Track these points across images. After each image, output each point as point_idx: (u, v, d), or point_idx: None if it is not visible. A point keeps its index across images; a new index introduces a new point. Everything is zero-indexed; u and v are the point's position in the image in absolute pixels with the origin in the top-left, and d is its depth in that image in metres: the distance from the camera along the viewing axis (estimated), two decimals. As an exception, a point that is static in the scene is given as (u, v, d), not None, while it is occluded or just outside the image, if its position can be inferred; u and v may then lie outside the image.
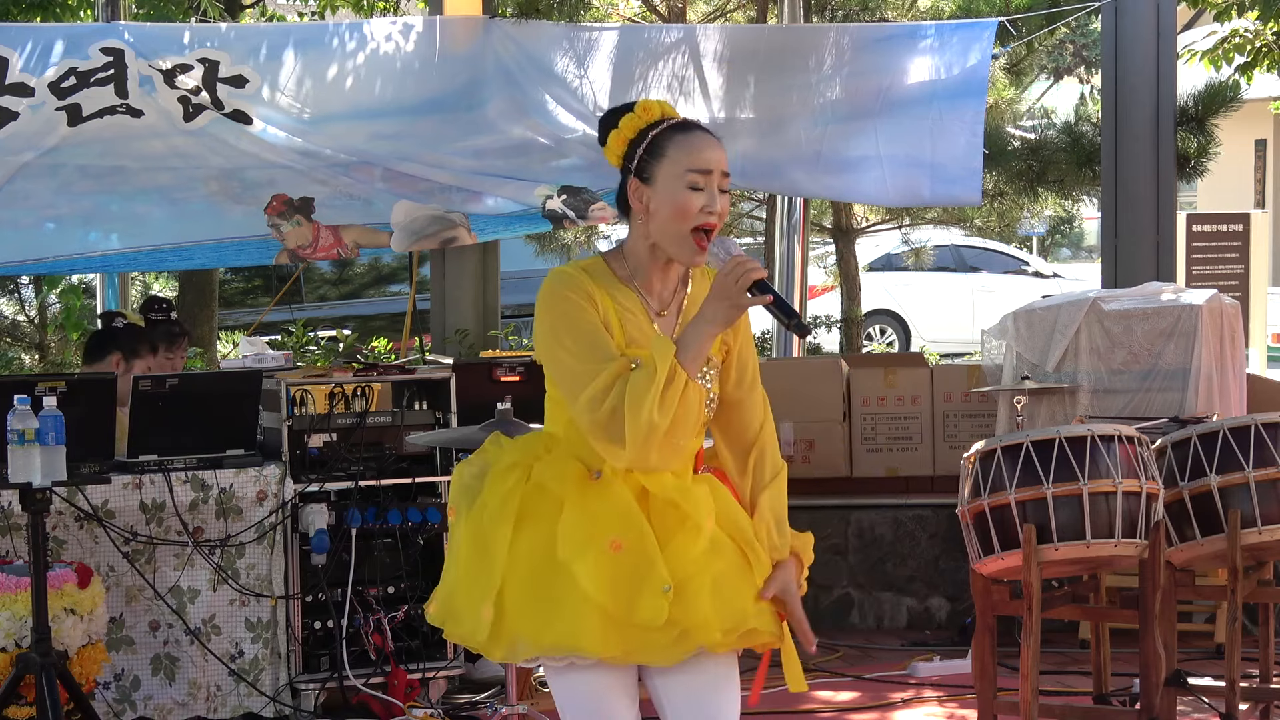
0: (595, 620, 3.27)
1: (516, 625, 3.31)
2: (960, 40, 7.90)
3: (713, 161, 3.41)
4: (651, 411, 3.25)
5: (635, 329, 3.40)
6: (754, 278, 3.30)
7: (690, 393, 3.31)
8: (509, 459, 3.46)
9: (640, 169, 3.44)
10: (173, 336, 6.85)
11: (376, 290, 15.20)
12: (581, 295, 3.39)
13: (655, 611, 3.27)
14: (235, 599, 6.14)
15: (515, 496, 3.37)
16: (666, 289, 3.48)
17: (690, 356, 3.31)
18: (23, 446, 5.14)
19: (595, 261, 3.49)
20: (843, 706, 6.41)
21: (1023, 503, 5.10)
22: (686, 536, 3.33)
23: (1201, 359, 7.20)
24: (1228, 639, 5.48)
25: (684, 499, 3.35)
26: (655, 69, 7.86)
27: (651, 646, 3.32)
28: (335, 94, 7.51)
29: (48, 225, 7.33)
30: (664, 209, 3.40)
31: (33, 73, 7.03)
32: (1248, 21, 9.92)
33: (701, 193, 3.39)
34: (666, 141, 3.42)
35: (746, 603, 3.38)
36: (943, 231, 16.31)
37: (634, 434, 3.27)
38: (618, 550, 3.29)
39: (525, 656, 3.34)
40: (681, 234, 3.40)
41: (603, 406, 3.29)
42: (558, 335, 3.39)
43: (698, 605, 3.30)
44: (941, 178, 7.90)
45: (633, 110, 3.47)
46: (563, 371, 3.39)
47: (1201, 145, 9.08)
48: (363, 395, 6.49)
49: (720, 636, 3.33)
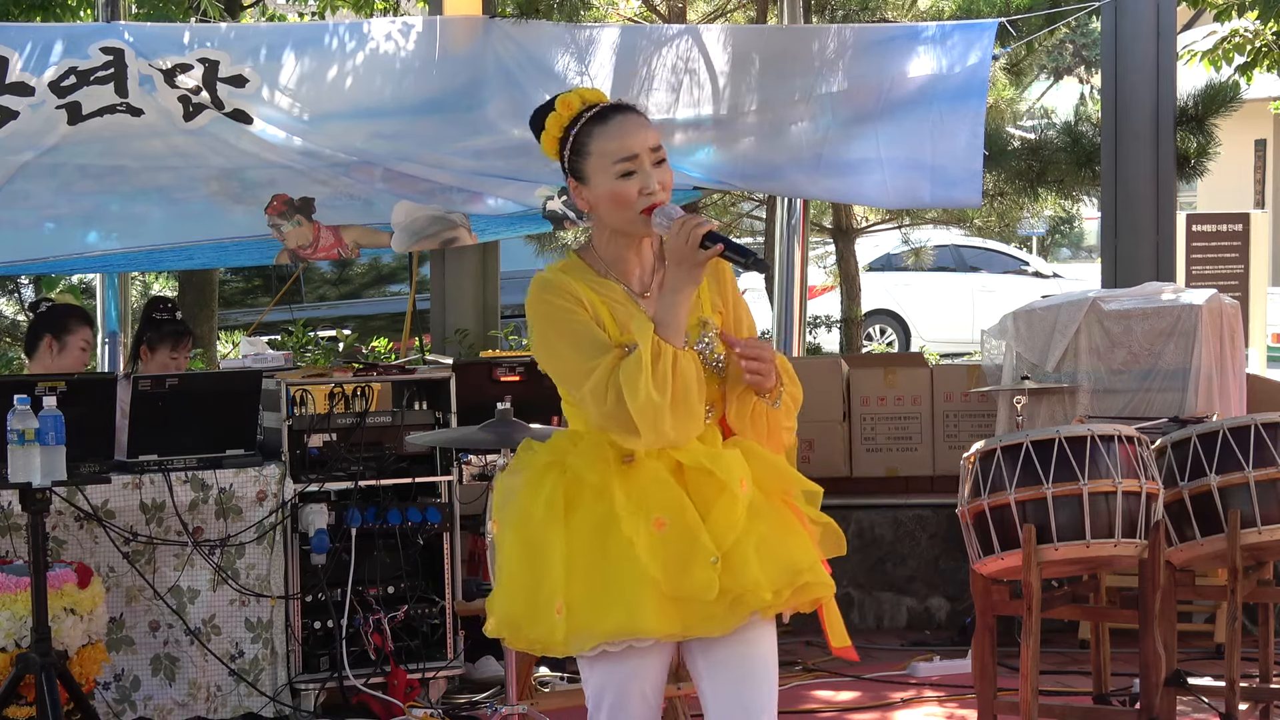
0: (651, 599, 3.31)
1: (579, 617, 3.33)
2: (960, 41, 7.90)
3: (637, 144, 3.41)
4: (648, 391, 3.28)
5: (625, 316, 3.42)
6: (701, 233, 3.32)
7: (683, 363, 3.33)
8: (543, 461, 3.49)
9: (573, 170, 3.47)
10: (177, 336, 6.85)
11: (376, 290, 15.21)
12: (566, 297, 3.41)
13: (707, 584, 3.30)
14: (235, 599, 6.14)
15: (558, 495, 3.40)
16: (645, 270, 3.50)
17: (670, 329, 3.34)
18: (23, 446, 5.14)
19: (572, 260, 3.52)
20: (843, 706, 6.41)
21: (1023, 503, 5.10)
22: (725, 504, 3.35)
23: (1201, 359, 7.20)
24: (1228, 639, 5.48)
25: (716, 465, 3.37)
26: (655, 69, 7.86)
27: (708, 618, 3.34)
28: (335, 94, 7.51)
29: (47, 225, 7.33)
30: (604, 202, 3.43)
31: (33, 72, 7.03)
32: (1248, 21, 9.92)
33: (634, 176, 3.40)
34: (587, 138, 3.43)
35: (795, 558, 3.40)
36: (943, 231, 16.31)
37: (639, 417, 3.29)
38: (661, 528, 3.32)
39: (588, 646, 3.36)
40: (631, 219, 3.43)
41: (607, 398, 3.32)
42: (550, 340, 3.43)
43: (746, 570, 3.33)
44: (942, 180, 7.89)
45: (554, 109, 3.47)
46: (563, 373, 3.43)
47: (1201, 145, 9.08)
48: (363, 395, 6.49)
49: (771, 597, 3.35)
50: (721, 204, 12.77)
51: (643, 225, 3.43)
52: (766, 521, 3.40)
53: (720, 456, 3.40)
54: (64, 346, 6.58)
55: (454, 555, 6.47)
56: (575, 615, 3.33)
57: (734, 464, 3.39)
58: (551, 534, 3.38)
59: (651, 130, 3.45)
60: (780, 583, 3.36)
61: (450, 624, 6.43)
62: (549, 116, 3.48)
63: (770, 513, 3.43)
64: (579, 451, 3.44)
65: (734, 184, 8.87)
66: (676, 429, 3.33)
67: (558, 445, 3.51)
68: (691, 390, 3.35)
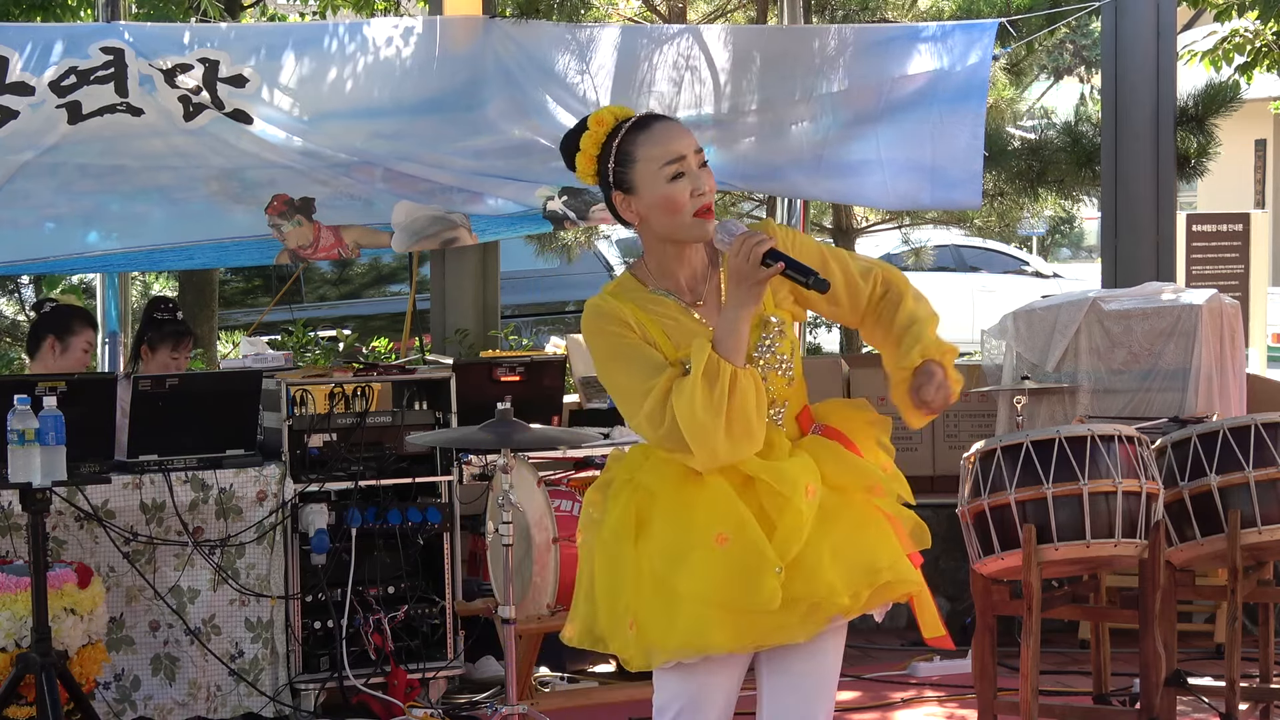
0: (717, 615, 3.30)
1: (647, 635, 3.34)
2: (960, 41, 7.90)
3: (683, 146, 3.41)
4: (703, 412, 3.26)
5: (677, 331, 3.41)
6: (762, 250, 3.30)
7: (742, 381, 3.31)
8: (622, 476, 3.49)
9: (619, 181, 3.44)
10: (178, 336, 6.85)
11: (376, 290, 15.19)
12: (615, 323, 3.41)
13: (770, 595, 3.28)
14: (235, 599, 6.14)
15: (630, 512, 3.40)
16: (696, 277, 3.48)
17: (729, 347, 3.32)
18: (23, 446, 5.14)
19: (623, 279, 3.52)
20: (843, 706, 6.41)
21: (1023, 503, 5.10)
22: (792, 515, 3.32)
23: (1201, 359, 7.20)
24: (1228, 639, 5.48)
25: (776, 479, 3.34)
26: (655, 69, 7.85)
27: (781, 628, 3.33)
28: (335, 94, 7.50)
29: (47, 225, 7.32)
30: (656, 209, 3.42)
31: (33, 72, 7.02)
32: (1248, 21, 9.91)
33: (684, 178, 3.39)
34: (631, 145, 3.42)
35: (875, 556, 3.37)
36: (943, 231, 16.30)
37: (691, 439, 3.28)
38: (724, 544, 3.30)
39: (660, 662, 3.36)
40: (685, 223, 3.41)
41: (664, 419, 3.31)
42: (607, 367, 3.43)
43: (820, 576, 3.31)
44: (942, 181, 7.89)
45: (587, 127, 3.47)
46: (621, 397, 3.43)
47: (1201, 145, 9.08)
48: (363, 395, 6.49)
49: (849, 601, 3.33)
50: (721, 204, 12.76)
51: (696, 229, 3.41)
52: (842, 523, 3.37)
53: (781, 468, 3.37)
54: (67, 348, 6.58)
55: (454, 555, 6.47)
56: (644, 632, 3.34)
57: (799, 472, 3.36)
58: (623, 552, 3.38)
59: (691, 135, 3.46)
60: (858, 584, 3.34)
61: (450, 624, 6.43)
62: (583, 136, 3.47)
63: (846, 513, 3.39)
64: (649, 467, 3.44)
65: (734, 184, 8.86)
66: (732, 450, 3.31)
67: (632, 460, 3.51)
68: (749, 409, 3.31)
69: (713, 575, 3.29)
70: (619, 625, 3.38)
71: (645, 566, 3.36)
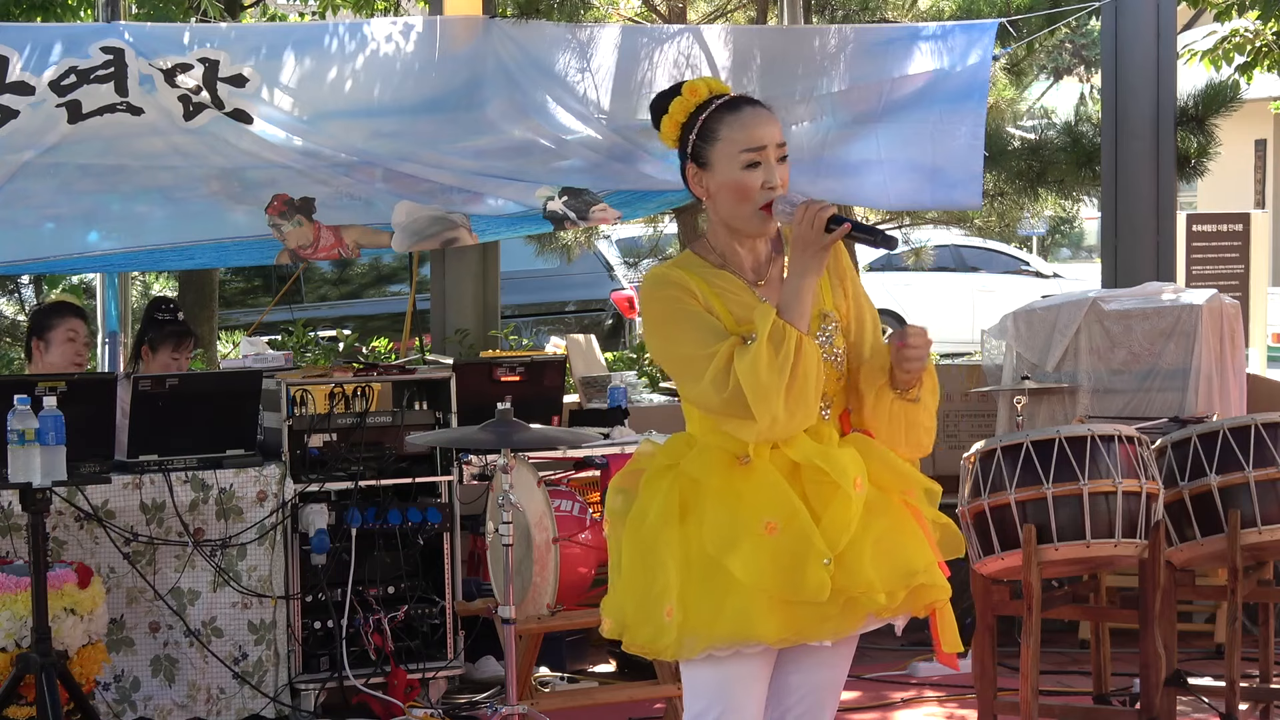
0: (764, 604, 3.27)
1: (692, 621, 3.30)
2: (961, 42, 7.89)
3: (766, 137, 3.40)
4: (769, 373, 3.24)
5: (739, 306, 3.39)
6: (826, 216, 3.31)
7: (806, 347, 3.30)
8: (661, 463, 3.46)
9: (696, 154, 3.44)
10: (179, 337, 6.84)
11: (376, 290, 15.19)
12: (677, 289, 3.40)
13: (819, 586, 3.27)
14: (235, 599, 6.14)
15: (674, 497, 3.37)
16: (760, 262, 3.48)
17: (795, 313, 3.31)
18: (23, 446, 5.14)
19: (685, 255, 3.51)
20: (843, 706, 6.38)
21: (1023, 503, 5.10)
22: (840, 504, 3.31)
23: (1201, 359, 7.20)
24: (1228, 639, 5.48)
25: (829, 465, 3.33)
26: (656, 69, 7.85)
27: (822, 619, 3.32)
28: (335, 94, 7.50)
29: (48, 225, 7.31)
30: (725, 191, 3.41)
31: (33, 72, 7.02)
32: (1248, 21, 9.91)
33: (759, 169, 3.39)
34: (717, 123, 3.42)
35: (911, 559, 3.37)
36: (943, 231, 16.29)
37: (755, 402, 3.25)
38: (773, 532, 3.29)
39: (698, 651, 3.32)
40: (749, 213, 3.41)
41: (729, 384, 3.28)
42: (667, 332, 3.41)
43: (860, 571, 3.30)
44: (942, 182, 7.89)
45: (680, 93, 3.46)
46: (680, 363, 3.39)
47: (1201, 145, 9.08)
48: (363, 395, 6.49)
49: (885, 599, 3.34)
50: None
51: (757, 221, 3.41)
52: (882, 521, 3.37)
53: (834, 455, 3.36)
54: (49, 343, 6.58)
55: (454, 555, 6.47)
56: (689, 619, 3.30)
57: (849, 462, 3.35)
58: (666, 536, 3.35)
59: (779, 125, 3.45)
60: (894, 584, 3.34)
61: (450, 624, 6.43)
62: (674, 100, 3.46)
63: (887, 512, 3.39)
64: (694, 455, 3.41)
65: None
66: (790, 416, 3.28)
67: (674, 448, 3.48)
68: (811, 376, 3.30)
69: (761, 563, 3.27)
70: (651, 611, 3.34)
71: (694, 550, 3.32)
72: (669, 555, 3.33)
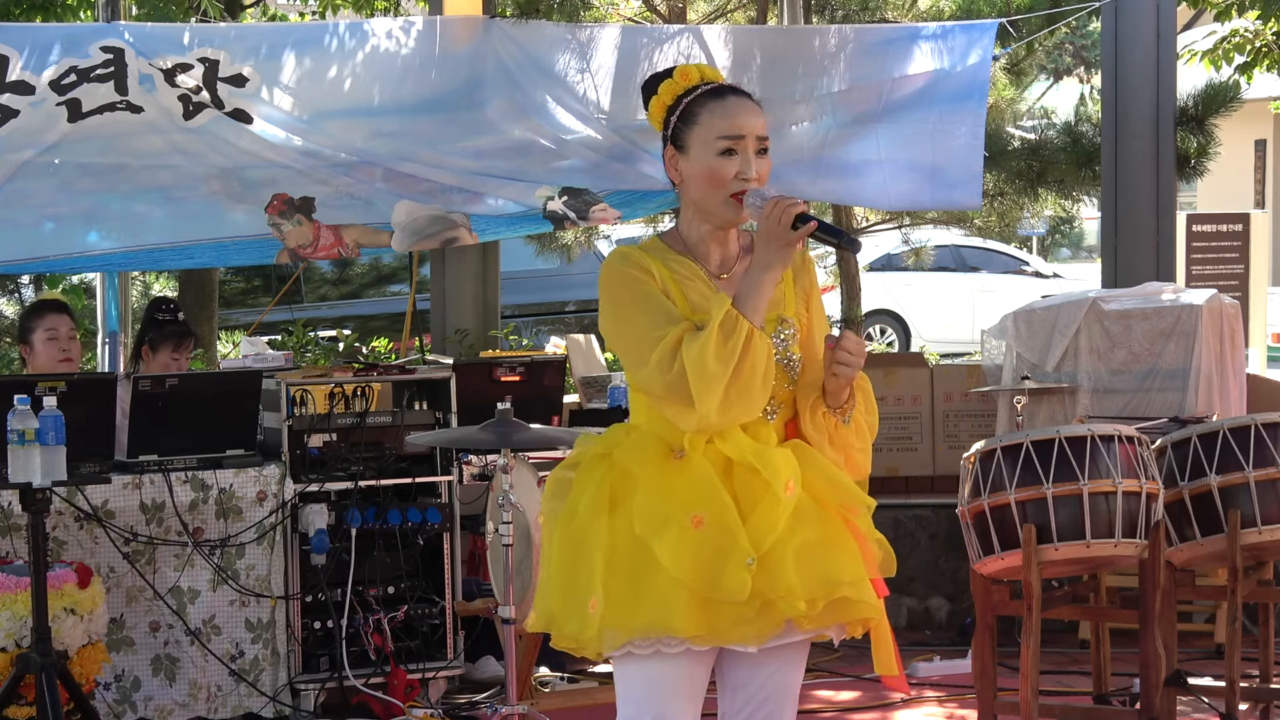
0: (683, 599, 3.22)
1: (612, 613, 3.25)
2: (961, 42, 7.89)
3: (746, 126, 3.37)
4: (714, 362, 3.20)
5: (697, 295, 3.35)
6: (795, 212, 3.28)
7: (756, 341, 3.25)
8: (596, 451, 3.42)
9: (675, 136, 3.42)
10: (179, 337, 6.84)
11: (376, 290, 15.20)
12: (637, 269, 3.36)
13: (739, 585, 3.21)
14: (235, 599, 6.14)
15: (605, 487, 3.33)
16: (727, 256, 3.44)
17: (751, 305, 3.27)
18: (23, 446, 5.14)
19: (652, 240, 3.48)
20: (843, 706, 6.41)
21: (1023, 503, 5.10)
22: (769, 504, 3.26)
23: (1201, 359, 7.20)
24: (1228, 639, 5.48)
25: (762, 464, 3.28)
26: (656, 69, 7.83)
27: (740, 622, 3.25)
28: (335, 93, 7.50)
29: (47, 224, 7.31)
30: (697, 177, 3.38)
31: (33, 71, 7.02)
32: (1248, 21, 9.91)
33: (735, 157, 3.36)
34: (699, 108, 3.40)
35: (837, 570, 3.28)
36: (943, 231, 16.28)
37: (698, 389, 3.21)
38: (699, 526, 3.24)
39: (618, 645, 3.27)
40: (719, 200, 3.37)
41: (673, 367, 3.24)
42: (620, 312, 3.37)
43: (781, 575, 3.23)
44: (942, 182, 7.89)
45: (671, 76, 3.45)
46: (628, 343, 3.35)
47: (1201, 145, 9.08)
48: (363, 395, 6.49)
49: (805, 607, 3.24)
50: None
51: (728, 211, 3.37)
52: (812, 529, 3.30)
53: (769, 455, 3.30)
54: (32, 347, 6.58)
55: (454, 555, 6.47)
56: (609, 611, 3.25)
57: (783, 464, 3.29)
58: (595, 528, 3.30)
59: (762, 119, 3.42)
60: (816, 593, 3.26)
61: (450, 624, 6.43)
62: (664, 82, 3.46)
63: (818, 521, 3.32)
64: (629, 445, 3.37)
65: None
66: (731, 407, 3.24)
67: (611, 438, 3.44)
68: (758, 371, 3.25)
69: (684, 556, 3.22)
70: (577, 605, 3.28)
71: (620, 542, 3.27)
72: (597, 547, 3.28)
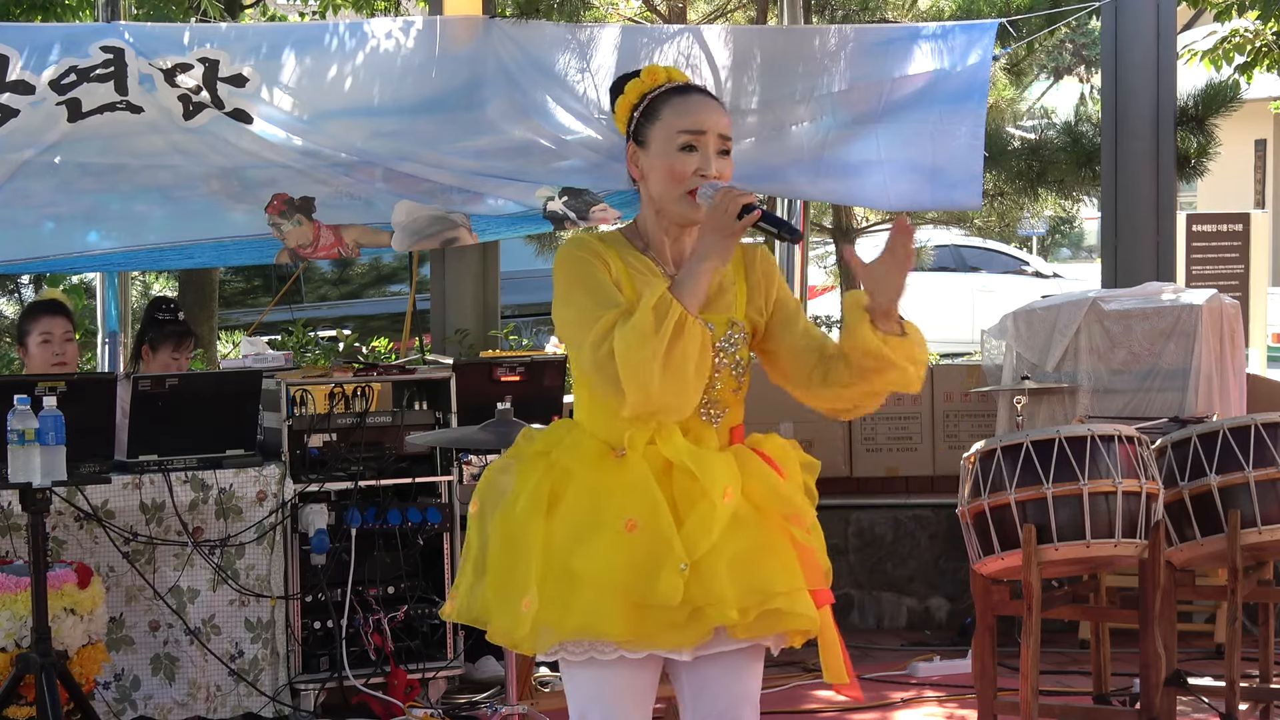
0: (615, 602, 3.19)
1: (544, 613, 3.22)
2: (961, 42, 7.89)
3: (707, 122, 3.36)
4: (642, 345, 3.16)
5: (646, 287, 3.30)
6: (742, 202, 3.25)
7: (690, 328, 3.20)
8: (535, 449, 3.39)
9: (637, 133, 3.41)
10: (179, 337, 6.84)
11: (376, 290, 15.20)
12: (591, 254, 3.35)
13: (671, 591, 3.17)
14: (235, 599, 6.14)
15: (545, 485, 3.30)
16: (684, 255, 3.41)
17: (687, 291, 3.23)
18: (23, 446, 5.14)
19: (613, 233, 3.47)
20: (843, 706, 6.40)
21: (1023, 503, 5.10)
22: (703, 510, 3.23)
23: (1201, 359, 7.20)
24: (1228, 639, 5.48)
25: (699, 467, 3.25)
26: (655, 69, 7.85)
27: (671, 627, 3.21)
28: (335, 93, 7.50)
29: (48, 224, 7.32)
30: (657, 171, 3.37)
31: (33, 71, 7.03)
32: (1248, 21, 9.91)
33: (695, 153, 3.34)
34: (662, 104, 3.39)
35: (772, 580, 3.24)
36: (943, 231, 16.32)
37: (625, 372, 3.17)
38: (633, 530, 3.21)
39: (549, 645, 3.24)
40: (677, 196, 3.36)
41: (602, 347, 3.21)
42: (568, 295, 3.34)
43: (714, 582, 3.19)
44: (942, 182, 7.89)
45: (639, 75, 3.44)
46: (570, 326, 3.32)
47: (1201, 145, 9.09)
48: (363, 395, 6.49)
49: (737, 615, 3.21)
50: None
51: (685, 207, 3.35)
52: (748, 538, 3.26)
53: (707, 459, 3.27)
54: (27, 350, 6.58)
55: (454, 555, 6.47)
56: (543, 610, 3.22)
57: (721, 470, 3.26)
58: (533, 526, 3.27)
59: (727, 119, 3.40)
60: (749, 602, 3.21)
61: (450, 624, 6.43)
62: (630, 82, 3.44)
63: (755, 529, 3.28)
64: (569, 443, 3.35)
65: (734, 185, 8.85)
66: (665, 394, 3.18)
67: (551, 435, 3.41)
68: (691, 357, 3.20)
69: (616, 561, 3.19)
70: (509, 602, 3.25)
71: (556, 543, 3.24)
72: (534, 545, 3.25)
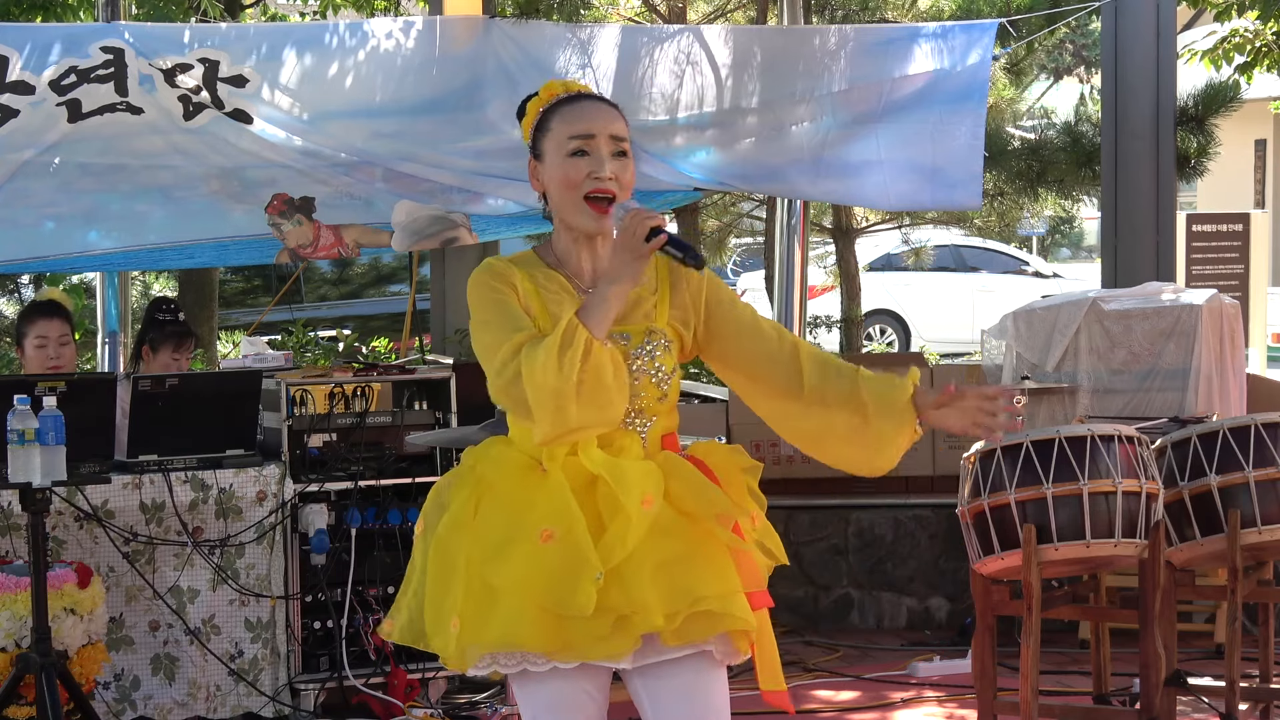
0: (533, 613, 3.16)
1: (466, 629, 3.20)
2: (961, 42, 7.89)
3: (595, 126, 3.34)
4: (546, 372, 3.13)
5: (559, 308, 3.28)
6: (650, 225, 3.22)
7: (597, 353, 3.16)
8: (467, 463, 3.38)
9: (534, 147, 3.42)
10: (180, 337, 6.84)
11: (376, 290, 15.22)
12: (500, 281, 3.33)
13: (585, 600, 3.14)
14: (235, 599, 6.14)
15: (471, 501, 3.29)
16: (597, 271, 3.37)
17: (595, 317, 3.18)
18: (23, 446, 5.14)
19: (526, 252, 3.45)
20: (843, 706, 6.41)
21: (1023, 503, 5.10)
22: (621, 520, 3.19)
23: (1201, 359, 7.20)
24: (1228, 639, 5.48)
25: (614, 478, 3.21)
26: (655, 70, 7.86)
27: (596, 638, 3.17)
28: (335, 93, 7.50)
29: (48, 224, 7.32)
30: (554, 181, 3.36)
31: (33, 71, 7.03)
32: (1248, 21, 9.92)
33: (586, 158, 3.32)
34: (552, 115, 3.39)
35: (699, 584, 3.20)
36: (943, 231, 16.32)
37: (535, 399, 3.14)
38: (548, 541, 3.17)
39: (476, 659, 3.21)
40: (574, 203, 3.33)
41: (505, 373, 3.18)
42: (478, 319, 3.32)
43: (637, 589, 3.16)
44: (942, 182, 7.89)
45: (537, 95, 3.45)
46: (482, 351, 3.29)
47: (1201, 145, 9.10)
48: (363, 395, 6.48)
49: (663, 620, 3.16)
50: (721, 204, 12.79)
51: (585, 217, 3.32)
52: (673, 543, 3.22)
53: (622, 468, 3.23)
54: (24, 351, 6.58)
55: (454, 555, 6.46)
56: (464, 628, 3.20)
57: (638, 478, 3.22)
58: (455, 542, 3.25)
59: (620, 121, 3.37)
60: (676, 607, 3.17)
61: (450, 624, 6.42)
62: (530, 101, 3.46)
63: (682, 535, 3.24)
64: (493, 457, 3.34)
65: (734, 185, 8.86)
66: (584, 417, 3.16)
67: (481, 450, 3.39)
68: (604, 380, 3.16)
69: (531, 572, 3.16)
70: (443, 622, 3.24)
71: (477, 557, 3.22)
72: (458, 563, 3.24)
